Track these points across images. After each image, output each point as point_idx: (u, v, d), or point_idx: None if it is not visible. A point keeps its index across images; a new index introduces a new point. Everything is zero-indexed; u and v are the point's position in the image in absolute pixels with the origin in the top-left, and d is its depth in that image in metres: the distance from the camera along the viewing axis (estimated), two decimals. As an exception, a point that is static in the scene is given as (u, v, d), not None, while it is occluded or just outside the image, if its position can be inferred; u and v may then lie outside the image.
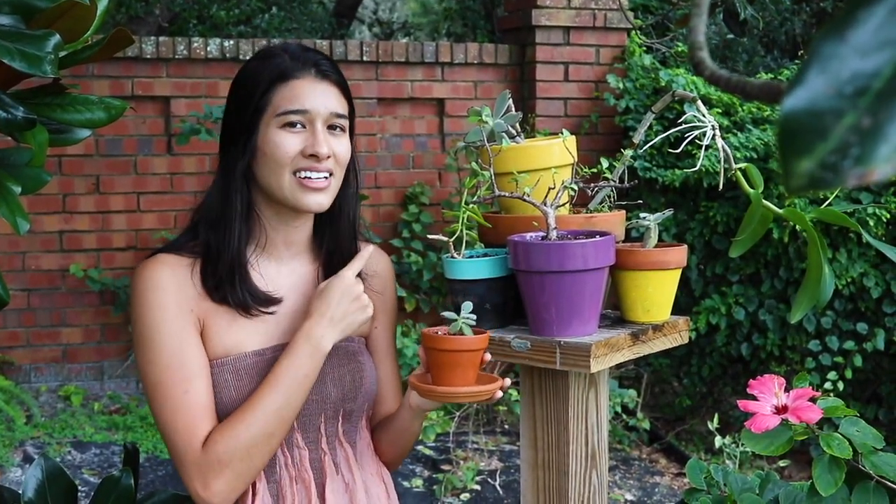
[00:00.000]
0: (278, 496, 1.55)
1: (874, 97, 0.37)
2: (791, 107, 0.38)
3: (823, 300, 1.39)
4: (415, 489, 4.23)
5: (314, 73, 1.53)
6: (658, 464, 4.68)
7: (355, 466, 1.62)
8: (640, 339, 1.55)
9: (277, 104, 1.51)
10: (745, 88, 0.47)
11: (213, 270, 1.53)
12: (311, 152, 1.50)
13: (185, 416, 1.46)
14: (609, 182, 1.67)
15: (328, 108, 1.53)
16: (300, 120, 1.51)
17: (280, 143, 1.51)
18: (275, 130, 1.51)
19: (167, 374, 1.47)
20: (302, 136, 1.51)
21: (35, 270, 4.91)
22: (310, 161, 1.51)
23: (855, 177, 0.36)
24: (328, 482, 1.58)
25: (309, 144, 1.51)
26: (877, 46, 0.37)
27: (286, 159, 1.50)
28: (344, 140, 1.56)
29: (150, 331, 1.49)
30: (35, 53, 1.10)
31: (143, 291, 1.50)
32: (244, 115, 1.53)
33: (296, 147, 1.51)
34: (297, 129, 1.51)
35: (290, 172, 1.51)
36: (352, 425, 1.63)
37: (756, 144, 4.40)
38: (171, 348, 1.48)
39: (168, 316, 1.49)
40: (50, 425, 4.62)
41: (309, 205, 1.53)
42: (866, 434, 1.28)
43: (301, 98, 1.51)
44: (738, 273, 4.59)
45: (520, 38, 5.45)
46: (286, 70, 1.53)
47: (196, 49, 4.94)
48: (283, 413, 1.47)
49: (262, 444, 1.46)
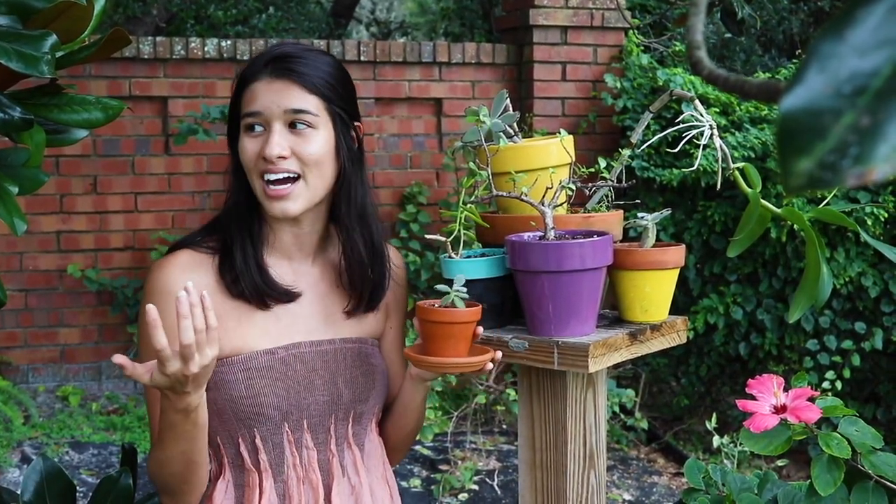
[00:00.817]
0: (285, 496, 1.55)
1: (873, 96, 0.37)
2: (790, 106, 0.38)
3: (822, 300, 1.39)
4: (413, 489, 4.23)
5: (269, 72, 1.51)
6: (656, 463, 4.68)
7: (362, 469, 1.61)
8: (638, 339, 1.55)
9: (242, 107, 1.53)
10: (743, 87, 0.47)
11: (230, 265, 1.53)
12: (262, 155, 1.49)
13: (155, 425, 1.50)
14: (607, 182, 1.67)
15: (281, 106, 1.49)
16: (257, 122, 1.50)
17: (243, 147, 1.51)
18: (242, 135, 1.52)
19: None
20: (261, 138, 1.50)
21: (33, 271, 4.91)
22: (265, 163, 1.49)
23: (854, 176, 0.36)
24: (335, 484, 1.57)
25: (262, 146, 1.49)
26: (876, 45, 0.37)
27: (249, 164, 1.51)
28: (313, 138, 1.50)
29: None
30: (32, 54, 1.10)
31: (152, 294, 1.51)
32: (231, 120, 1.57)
33: (254, 150, 1.50)
34: (256, 132, 1.50)
35: (258, 177, 1.51)
36: (361, 427, 1.62)
37: (754, 144, 4.40)
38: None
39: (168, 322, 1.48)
40: (48, 426, 4.61)
41: (274, 212, 1.51)
42: (865, 434, 1.28)
43: (254, 100, 1.50)
44: (736, 272, 4.59)
45: (517, 38, 5.45)
46: (246, 73, 1.53)
47: (193, 49, 4.94)
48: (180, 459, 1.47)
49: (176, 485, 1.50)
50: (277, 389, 1.52)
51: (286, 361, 1.53)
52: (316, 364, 1.56)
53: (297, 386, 1.54)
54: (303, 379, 1.54)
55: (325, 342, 1.58)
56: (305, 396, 1.54)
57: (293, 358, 1.54)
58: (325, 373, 1.56)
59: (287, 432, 1.54)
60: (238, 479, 1.56)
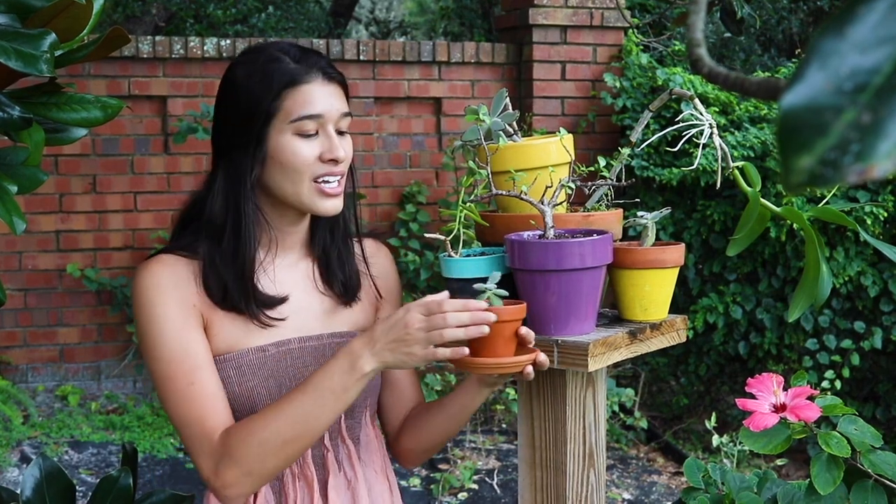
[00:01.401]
0: (280, 493, 1.55)
1: (874, 93, 0.37)
2: (790, 103, 0.38)
3: (821, 299, 1.39)
4: (412, 488, 4.23)
5: (322, 77, 1.51)
6: (656, 463, 4.68)
7: (357, 463, 1.62)
8: (637, 338, 1.55)
9: (290, 110, 1.48)
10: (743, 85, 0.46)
11: (217, 279, 1.51)
12: (330, 157, 1.49)
13: (193, 407, 1.46)
14: (606, 180, 1.67)
15: (339, 109, 1.52)
16: (314, 125, 1.50)
17: (297, 150, 1.49)
18: (289, 137, 1.49)
19: (172, 368, 1.47)
20: (316, 141, 1.50)
21: (32, 270, 4.91)
22: (328, 166, 1.50)
23: (855, 173, 0.36)
24: (331, 478, 1.58)
25: (326, 149, 1.50)
26: (876, 42, 0.37)
27: (304, 167, 1.49)
28: (349, 140, 1.56)
29: (152, 327, 1.49)
30: (31, 52, 1.10)
31: (144, 290, 1.50)
32: (253, 122, 1.49)
33: (313, 153, 1.49)
34: (311, 135, 1.50)
35: (310, 180, 1.50)
36: (355, 421, 1.63)
37: (753, 143, 4.40)
38: (174, 342, 1.48)
39: (169, 311, 1.49)
40: (47, 425, 4.61)
41: (328, 210, 1.53)
42: (865, 433, 1.28)
43: (314, 103, 1.49)
44: (736, 272, 4.59)
45: (517, 37, 5.45)
46: (295, 75, 1.50)
47: (193, 48, 4.94)
48: (304, 423, 1.41)
49: (277, 448, 1.41)
50: (269, 386, 1.53)
51: (277, 358, 1.54)
52: (305, 360, 1.56)
53: (289, 382, 1.54)
54: (293, 375, 1.55)
55: (313, 338, 1.58)
56: None
57: (283, 355, 1.55)
58: (315, 368, 1.56)
59: None
60: None
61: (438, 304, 1.36)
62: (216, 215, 1.53)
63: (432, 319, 1.35)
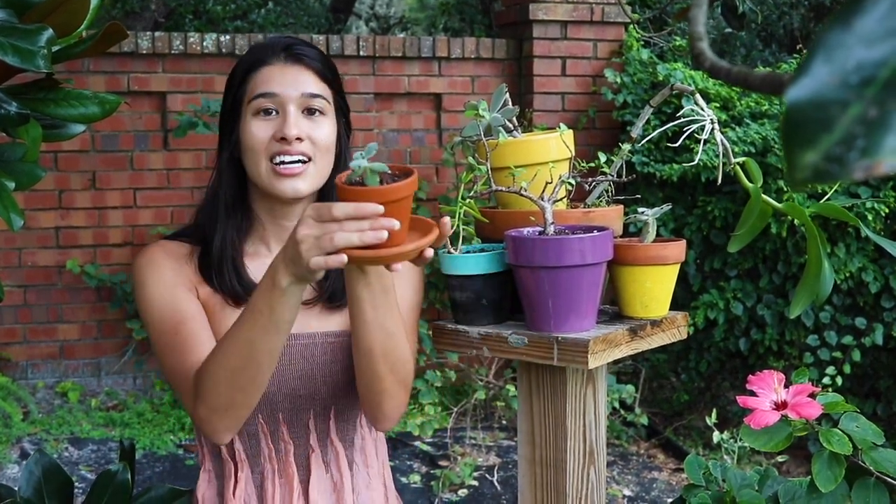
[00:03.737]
0: (261, 486, 1.55)
1: (881, 87, 0.36)
2: (795, 97, 0.37)
3: (823, 296, 1.39)
4: (412, 485, 4.22)
5: (284, 57, 1.53)
6: (656, 459, 4.68)
7: (345, 466, 1.60)
8: (638, 335, 1.54)
9: (251, 91, 1.53)
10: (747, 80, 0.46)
11: (207, 260, 1.56)
12: (279, 136, 1.50)
13: (177, 353, 1.48)
14: (607, 176, 1.66)
15: (299, 90, 1.52)
16: (271, 104, 1.51)
17: (253, 130, 1.51)
18: (249, 118, 1.52)
19: (162, 325, 1.51)
20: (275, 121, 1.52)
21: (31, 267, 4.90)
22: (281, 144, 1.50)
23: (861, 169, 0.35)
24: (314, 480, 1.56)
25: (279, 129, 1.50)
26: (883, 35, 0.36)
27: (260, 146, 1.51)
28: (324, 124, 1.54)
29: (148, 298, 1.53)
30: (28, 48, 1.09)
31: (141, 270, 1.54)
32: (226, 108, 1.57)
33: (267, 132, 1.51)
34: (270, 115, 1.52)
35: (266, 159, 1.51)
36: (348, 424, 1.61)
37: (754, 139, 4.39)
38: (162, 302, 1.51)
39: (159, 280, 1.53)
40: (47, 422, 4.61)
41: (284, 191, 1.51)
42: (866, 430, 1.27)
43: (270, 82, 1.52)
44: (737, 268, 4.58)
45: (517, 33, 5.44)
46: (259, 57, 1.54)
47: (192, 44, 4.93)
48: (246, 348, 1.34)
49: (228, 379, 1.37)
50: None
51: None
52: (292, 358, 1.54)
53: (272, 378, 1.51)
54: (277, 372, 1.52)
55: (303, 336, 1.55)
56: (279, 389, 1.53)
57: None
58: (301, 367, 1.54)
59: (261, 423, 1.55)
60: (217, 469, 1.59)
61: (329, 210, 1.21)
62: (205, 202, 1.60)
63: (324, 226, 1.21)
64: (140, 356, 5.05)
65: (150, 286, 1.53)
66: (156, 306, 1.52)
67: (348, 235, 1.19)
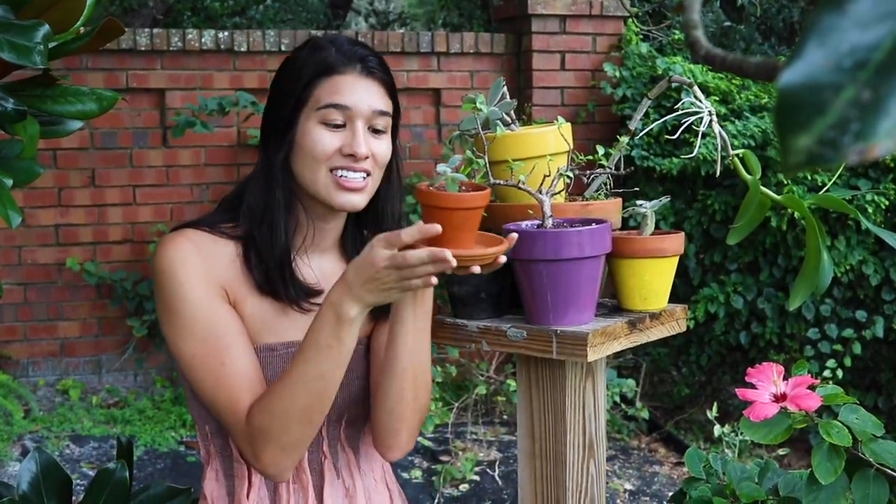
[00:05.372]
0: (275, 492, 1.53)
1: (874, 70, 0.36)
2: (789, 81, 0.37)
3: (822, 287, 1.38)
4: (414, 480, 4.23)
5: (359, 70, 1.48)
6: (657, 453, 4.68)
7: (356, 472, 1.59)
8: (637, 328, 1.54)
9: (319, 97, 1.46)
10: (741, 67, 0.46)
11: (259, 263, 1.49)
12: (349, 152, 1.45)
13: (225, 388, 1.42)
14: (605, 169, 1.66)
15: (371, 106, 1.48)
16: (341, 116, 1.46)
17: (318, 139, 1.46)
18: (314, 125, 1.47)
19: (203, 348, 1.43)
20: (341, 134, 1.47)
21: (31, 264, 4.90)
22: (347, 160, 1.46)
23: (855, 153, 0.35)
24: (327, 486, 1.55)
25: (347, 143, 1.46)
26: (877, 18, 0.36)
27: (323, 156, 1.46)
28: (385, 140, 1.51)
29: (179, 305, 1.44)
30: (24, 44, 1.09)
31: (168, 266, 1.45)
32: (285, 106, 1.49)
33: (334, 145, 1.46)
34: (337, 126, 1.47)
35: (327, 169, 1.47)
36: (356, 430, 1.60)
37: (754, 132, 4.39)
38: (204, 321, 1.43)
39: (196, 289, 1.44)
40: (48, 419, 4.61)
41: (343, 204, 1.48)
42: (866, 422, 1.27)
43: (343, 93, 1.46)
44: (737, 261, 4.58)
45: (516, 27, 5.43)
46: (331, 64, 1.48)
47: (191, 41, 4.92)
48: (315, 383, 1.37)
49: (300, 415, 1.38)
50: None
51: (284, 359, 1.50)
52: None
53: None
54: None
55: None
56: None
57: (290, 356, 1.51)
58: None
59: None
60: (227, 468, 1.55)
61: (404, 259, 1.29)
62: (255, 200, 1.51)
63: (402, 273, 1.30)
64: (140, 353, 5.05)
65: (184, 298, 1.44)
66: (196, 327, 1.43)
67: (425, 276, 1.31)
